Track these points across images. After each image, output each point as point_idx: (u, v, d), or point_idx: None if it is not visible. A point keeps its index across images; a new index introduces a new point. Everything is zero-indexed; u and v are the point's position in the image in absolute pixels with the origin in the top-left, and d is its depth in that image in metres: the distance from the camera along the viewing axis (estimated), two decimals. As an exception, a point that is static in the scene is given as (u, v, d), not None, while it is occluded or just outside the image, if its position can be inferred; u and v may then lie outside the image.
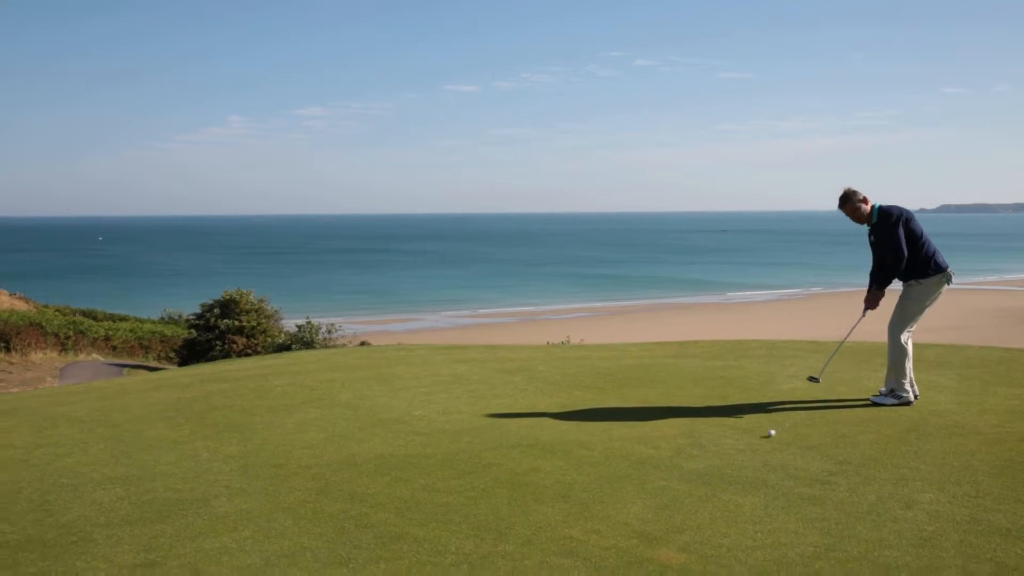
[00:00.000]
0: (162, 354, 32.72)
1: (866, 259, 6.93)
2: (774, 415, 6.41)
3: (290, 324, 30.20)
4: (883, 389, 6.77)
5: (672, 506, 4.45)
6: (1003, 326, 36.58)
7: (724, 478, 4.90)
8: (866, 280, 6.86)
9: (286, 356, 11.58)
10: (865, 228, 6.79)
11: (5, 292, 41.53)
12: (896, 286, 6.77)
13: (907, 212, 6.57)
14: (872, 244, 6.67)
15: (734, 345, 10.11)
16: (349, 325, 31.68)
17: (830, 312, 41.36)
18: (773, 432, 5.81)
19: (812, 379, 7.07)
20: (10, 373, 25.60)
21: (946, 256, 6.74)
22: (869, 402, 6.69)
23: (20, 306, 38.55)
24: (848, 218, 6.73)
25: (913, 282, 6.63)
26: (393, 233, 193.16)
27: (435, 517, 4.35)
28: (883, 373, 7.06)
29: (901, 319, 6.69)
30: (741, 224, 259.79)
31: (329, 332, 30.47)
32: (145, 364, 29.98)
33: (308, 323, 30.46)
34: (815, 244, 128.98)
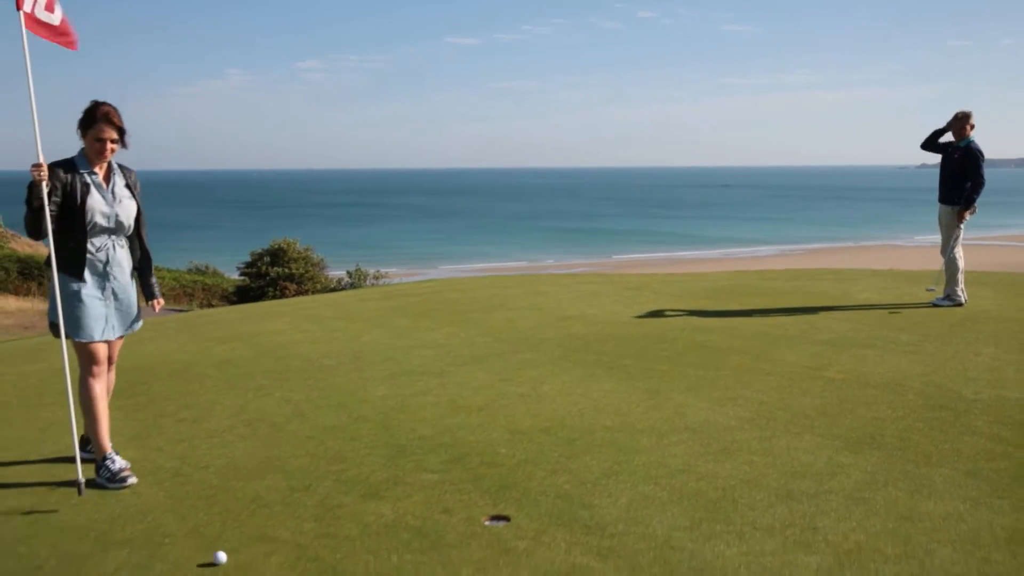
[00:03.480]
0: (204, 302, 34.92)
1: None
2: (864, 312, 8.64)
3: (336, 272, 32.21)
4: (940, 295, 9.01)
5: (818, 355, 6.68)
6: (1007, 275, 38.79)
7: (845, 343, 7.13)
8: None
9: (437, 281, 13.79)
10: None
11: (42, 244, 43.56)
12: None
13: (983, 155, 8.78)
14: (951, 159, 8.92)
15: (804, 271, 12.38)
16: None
17: (839, 263, 43.51)
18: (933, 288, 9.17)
19: (929, 289, 9.37)
20: (85, 314, 27.87)
21: None
22: (931, 304, 8.93)
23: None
24: (949, 130, 8.97)
25: (953, 208, 8.84)
26: (392, 187, 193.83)
27: (667, 360, 6.58)
28: (940, 287, 9.28)
29: (951, 239, 8.93)
30: (743, 179, 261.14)
31: (376, 279, 32.66)
32: (191, 310, 32.19)
33: (358, 269, 32.63)
34: (814, 199, 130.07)
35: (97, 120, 4.24)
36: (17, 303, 27.32)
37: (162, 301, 4.63)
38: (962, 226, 8.95)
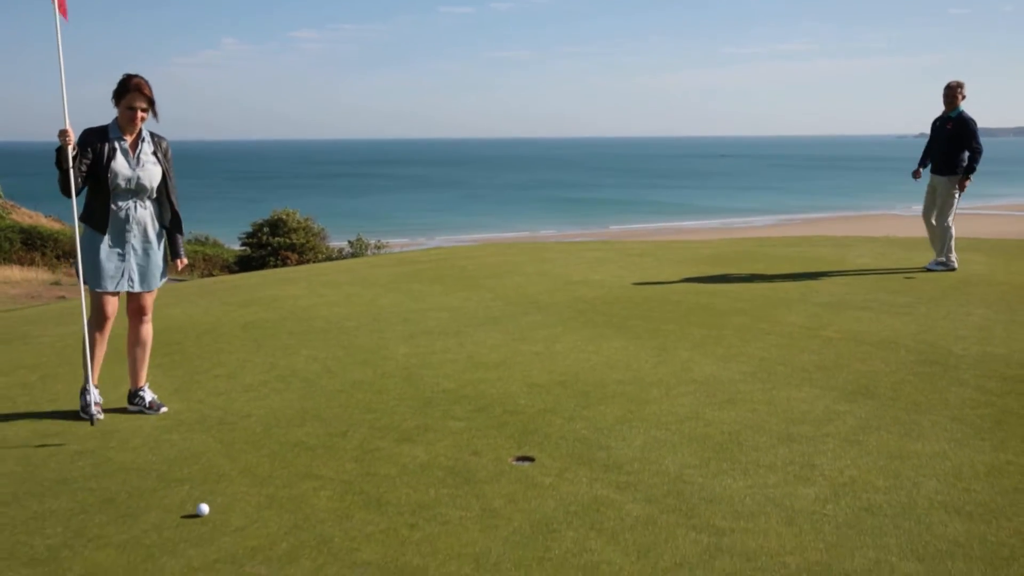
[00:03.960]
0: (205, 272, 35.21)
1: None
2: (861, 277, 8.97)
3: (337, 242, 32.37)
4: (933, 260, 9.34)
5: (817, 316, 7.01)
6: (1002, 244, 39.14)
7: (842, 305, 7.46)
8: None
9: (446, 249, 14.08)
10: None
11: (41, 214, 43.60)
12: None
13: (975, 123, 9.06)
14: (943, 130, 9.17)
15: (803, 238, 12.72)
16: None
17: (837, 231, 43.77)
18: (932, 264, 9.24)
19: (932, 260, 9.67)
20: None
21: None
22: (925, 269, 9.26)
23: (57, 227, 40.80)
24: (942, 98, 9.21)
25: (950, 178, 9.14)
26: (389, 158, 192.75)
27: (672, 321, 6.91)
28: (932, 252, 9.60)
29: (945, 208, 9.24)
30: (740, 149, 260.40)
31: (378, 248, 32.91)
32: (190, 280, 32.46)
33: (359, 239, 32.85)
34: (812, 169, 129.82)
35: (129, 90, 4.62)
36: (22, 273, 27.57)
37: (185, 260, 4.96)
38: (958, 195, 9.23)
